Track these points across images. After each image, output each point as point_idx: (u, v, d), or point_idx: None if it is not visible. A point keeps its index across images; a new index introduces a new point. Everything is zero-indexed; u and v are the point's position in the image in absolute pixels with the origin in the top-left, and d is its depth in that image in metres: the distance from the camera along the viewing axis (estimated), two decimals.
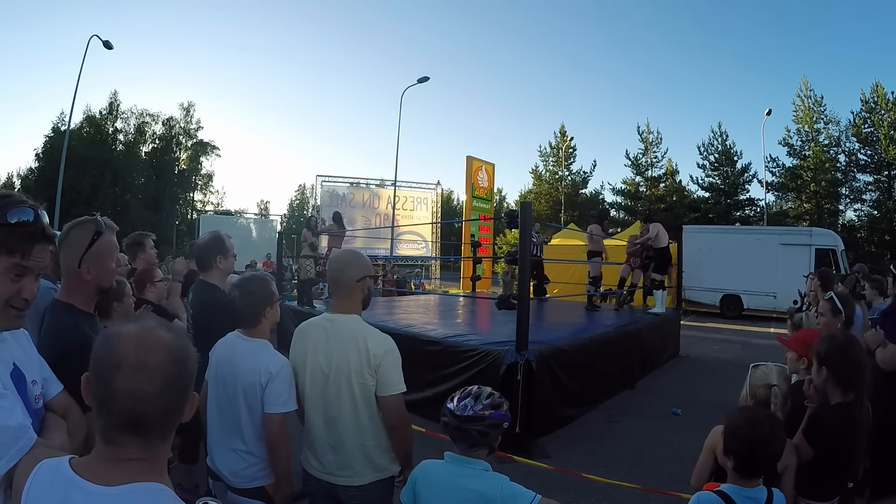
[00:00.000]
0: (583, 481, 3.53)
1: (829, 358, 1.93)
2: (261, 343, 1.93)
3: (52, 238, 1.13)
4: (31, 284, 1.10)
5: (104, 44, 17.76)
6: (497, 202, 36.43)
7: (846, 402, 1.91)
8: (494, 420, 1.49)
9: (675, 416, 5.30)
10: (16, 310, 1.10)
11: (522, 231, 4.52)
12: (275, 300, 2.01)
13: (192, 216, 34.34)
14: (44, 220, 1.10)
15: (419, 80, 20.74)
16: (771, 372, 1.92)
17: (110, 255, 1.59)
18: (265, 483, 1.87)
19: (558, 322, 6.78)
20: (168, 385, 0.77)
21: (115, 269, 1.64)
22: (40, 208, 1.10)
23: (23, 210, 1.06)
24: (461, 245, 18.95)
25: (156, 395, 0.75)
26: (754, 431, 1.50)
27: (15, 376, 1.11)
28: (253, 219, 31.30)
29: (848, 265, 13.74)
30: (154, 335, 0.79)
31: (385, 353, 1.75)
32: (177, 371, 0.78)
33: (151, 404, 0.75)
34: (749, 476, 1.52)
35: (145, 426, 0.76)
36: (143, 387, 0.74)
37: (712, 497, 1.50)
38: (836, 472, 1.91)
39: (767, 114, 22.44)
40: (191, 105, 35.45)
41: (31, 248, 1.07)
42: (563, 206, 30.00)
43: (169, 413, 0.79)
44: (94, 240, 1.51)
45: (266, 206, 53.14)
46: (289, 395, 1.83)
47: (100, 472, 0.76)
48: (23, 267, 1.07)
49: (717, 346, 10.12)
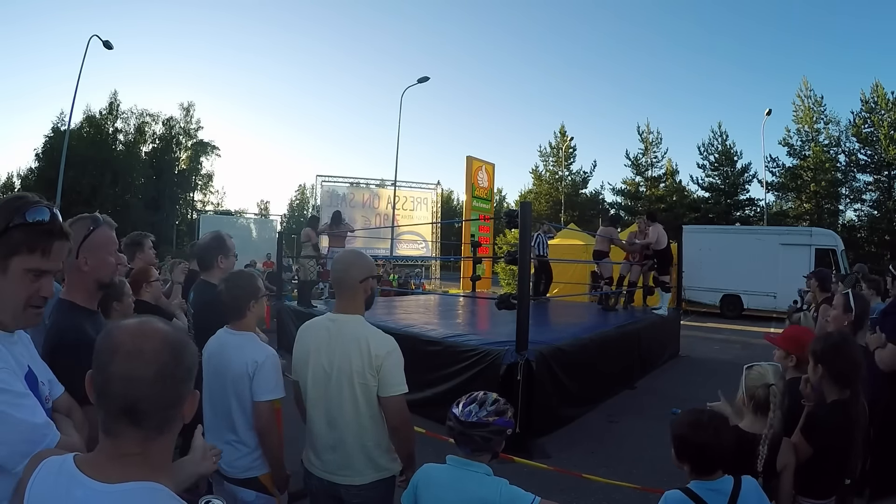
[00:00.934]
0: (583, 481, 3.53)
1: (825, 356, 1.95)
2: (247, 336, 2.01)
3: (68, 235, 1.17)
4: (49, 283, 1.15)
5: (104, 44, 17.75)
6: (497, 202, 36.42)
7: (842, 400, 1.92)
8: (498, 427, 1.50)
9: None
10: (35, 308, 1.15)
11: (522, 231, 4.52)
12: (259, 295, 2.09)
13: (192, 216, 34.35)
14: (59, 218, 1.15)
15: (419, 80, 20.73)
16: (767, 372, 1.93)
17: (107, 247, 1.61)
18: (259, 473, 1.94)
19: (558, 322, 6.78)
20: (163, 373, 0.77)
21: (114, 264, 1.64)
22: (55, 207, 1.16)
23: (39, 209, 1.11)
24: (461, 245, 18.95)
25: (150, 381, 0.76)
26: (698, 435, 1.55)
27: (29, 378, 1.14)
28: (253, 219, 31.27)
29: (848, 265, 13.74)
30: (152, 325, 0.81)
31: (387, 353, 1.76)
32: (172, 361, 0.79)
33: (145, 389, 0.76)
34: (707, 472, 1.56)
35: (140, 414, 0.76)
36: (138, 371, 0.76)
37: (678, 495, 1.54)
38: (833, 470, 1.92)
39: (767, 114, 22.45)
40: (191, 105, 35.53)
41: (50, 246, 1.12)
42: (563, 206, 29.98)
43: (164, 402, 0.79)
44: (92, 230, 1.55)
45: (266, 206, 53.24)
46: (276, 383, 1.91)
47: (100, 468, 0.77)
48: (42, 268, 1.12)
49: (717, 346, 10.12)
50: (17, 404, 1.03)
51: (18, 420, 1.01)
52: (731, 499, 1.51)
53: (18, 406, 1.03)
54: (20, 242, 1.09)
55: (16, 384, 1.05)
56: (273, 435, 1.91)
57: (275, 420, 1.93)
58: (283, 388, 1.94)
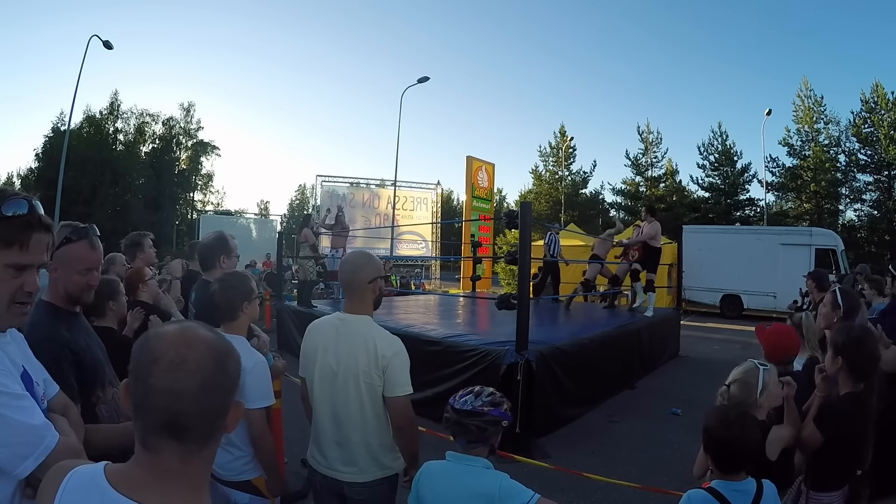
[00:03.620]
0: (583, 481, 3.54)
1: (846, 348, 1.96)
2: (237, 339, 2.00)
3: (49, 227, 1.12)
4: (32, 277, 1.10)
5: (104, 44, 17.73)
6: (497, 202, 36.40)
7: (856, 392, 1.94)
8: (493, 417, 1.51)
9: (674, 415, 5.31)
10: (20, 305, 1.10)
11: (522, 231, 4.52)
12: (253, 296, 2.09)
13: (192, 216, 34.28)
14: (38, 210, 1.10)
15: (419, 80, 20.71)
16: (737, 371, 1.96)
17: (75, 264, 1.53)
18: (252, 477, 1.95)
19: (558, 322, 6.78)
20: (208, 384, 0.72)
21: (82, 282, 1.54)
22: (34, 199, 1.10)
23: (16, 202, 1.06)
24: (461, 245, 18.95)
25: (194, 394, 0.70)
26: (727, 430, 1.54)
27: (24, 379, 1.12)
28: (253, 219, 31.24)
29: (848, 265, 13.75)
30: (195, 333, 0.75)
31: (393, 354, 1.79)
32: (218, 370, 0.73)
33: (189, 403, 0.70)
34: (731, 471, 1.55)
35: (183, 428, 0.71)
36: (182, 384, 0.70)
37: (702, 494, 1.52)
38: (845, 460, 1.94)
39: (767, 114, 22.43)
40: (191, 105, 35.32)
41: (28, 238, 1.07)
42: (563, 206, 29.97)
43: (209, 416, 0.73)
44: (65, 241, 1.52)
45: (266, 206, 53.12)
46: (267, 390, 1.93)
47: (136, 486, 0.71)
48: (22, 263, 1.07)
49: (717, 346, 10.12)
50: (16, 406, 1.01)
51: (17, 422, 1.00)
52: (753, 501, 1.50)
53: (17, 408, 1.01)
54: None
55: (13, 386, 1.04)
56: (266, 442, 1.92)
57: (267, 427, 1.94)
58: (272, 394, 1.97)
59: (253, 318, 2.13)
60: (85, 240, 1.56)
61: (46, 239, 1.12)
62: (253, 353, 1.99)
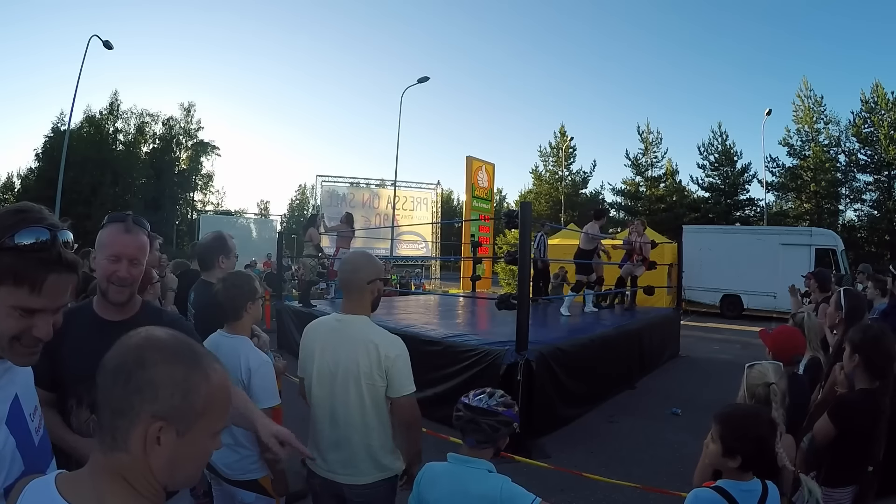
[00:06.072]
0: (583, 481, 3.53)
1: (864, 347, 2.00)
2: (240, 340, 2.01)
3: (73, 265, 0.90)
4: (44, 322, 0.89)
5: (104, 44, 17.73)
6: (497, 202, 36.37)
7: (872, 389, 1.98)
8: (506, 418, 1.53)
9: (674, 415, 5.30)
10: (26, 347, 0.90)
11: (522, 231, 4.52)
12: (257, 296, 2.08)
13: (192, 216, 34.26)
14: (61, 242, 0.88)
15: (419, 80, 20.71)
16: (767, 370, 1.93)
17: (102, 249, 1.45)
18: (258, 476, 1.95)
19: (558, 322, 6.78)
20: (118, 378, 0.71)
21: (108, 270, 1.44)
22: (63, 228, 0.89)
23: (34, 230, 0.85)
24: (461, 245, 18.95)
25: (105, 387, 0.71)
26: (760, 429, 1.52)
27: (13, 408, 0.96)
28: (253, 219, 31.30)
29: (848, 265, 13.74)
30: (140, 331, 0.76)
31: (396, 356, 1.79)
32: (134, 364, 0.71)
33: (100, 394, 0.71)
34: (754, 472, 1.53)
35: (99, 422, 0.71)
36: (99, 376, 0.71)
37: (710, 494, 1.50)
38: (856, 454, 1.96)
39: (767, 114, 22.43)
40: (191, 105, 35.32)
41: (42, 280, 0.86)
42: (563, 206, 29.95)
43: (116, 409, 0.70)
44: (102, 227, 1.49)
45: (266, 206, 53.07)
46: (273, 390, 1.93)
47: (75, 486, 0.71)
48: (30, 307, 0.86)
49: (717, 346, 10.13)
50: None
51: None
52: (759, 502, 1.50)
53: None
54: (6, 271, 0.84)
55: None
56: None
57: None
58: (278, 395, 1.97)
59: (256, 319, 2.11)
60: (115, 224, 1.44)
61: (69, 280, 0.91)
62: (257, 353, 1.98)
